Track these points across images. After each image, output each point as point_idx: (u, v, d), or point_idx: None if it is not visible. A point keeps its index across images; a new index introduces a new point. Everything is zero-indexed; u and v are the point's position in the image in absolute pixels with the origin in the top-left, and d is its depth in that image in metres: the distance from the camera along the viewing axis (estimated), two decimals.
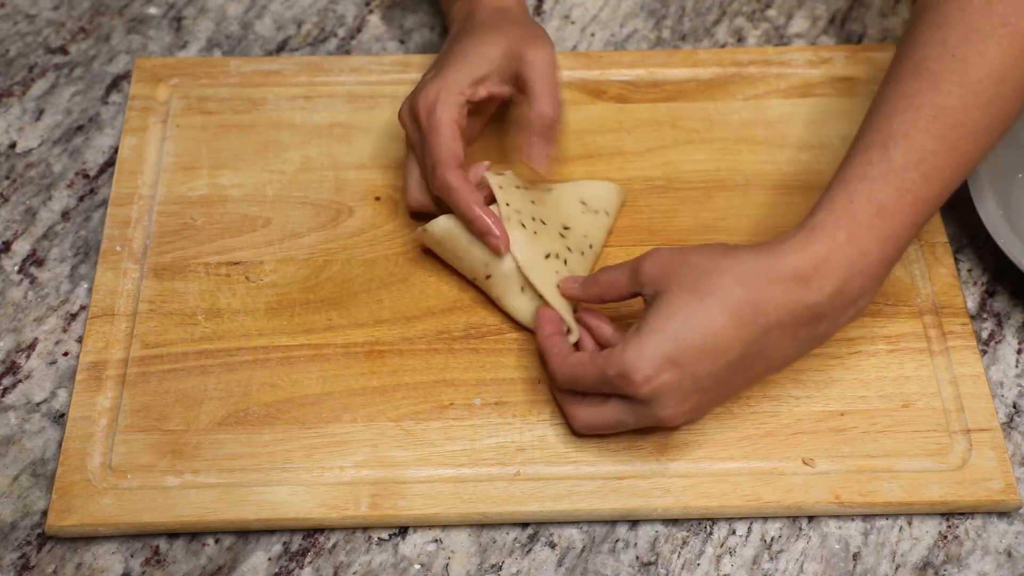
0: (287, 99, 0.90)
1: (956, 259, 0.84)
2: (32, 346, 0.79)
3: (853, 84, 0.91)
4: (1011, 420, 0.77)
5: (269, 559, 0.71)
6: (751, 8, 0.98)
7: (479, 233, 0.75)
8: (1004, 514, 0.74)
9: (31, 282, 0.82)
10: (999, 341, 0.80)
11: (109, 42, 0.95)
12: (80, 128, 0.90)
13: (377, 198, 0.85)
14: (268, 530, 0.72)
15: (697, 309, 0.66)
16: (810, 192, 0.85)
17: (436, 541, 0.72)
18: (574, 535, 0.73)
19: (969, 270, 0.84)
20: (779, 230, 0.82)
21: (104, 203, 0.86)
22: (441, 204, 0.79)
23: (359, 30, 0.96)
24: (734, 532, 0.73)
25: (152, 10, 0.97)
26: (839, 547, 0.72)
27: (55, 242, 0.84)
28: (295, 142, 0.88)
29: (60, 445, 0.74)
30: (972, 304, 0.82)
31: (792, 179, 0.86)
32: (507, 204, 0.77)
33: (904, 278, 0.81)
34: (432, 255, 0.81)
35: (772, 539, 0.72)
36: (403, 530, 0.72)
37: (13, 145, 0.89)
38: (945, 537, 0.73)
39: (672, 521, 0.73)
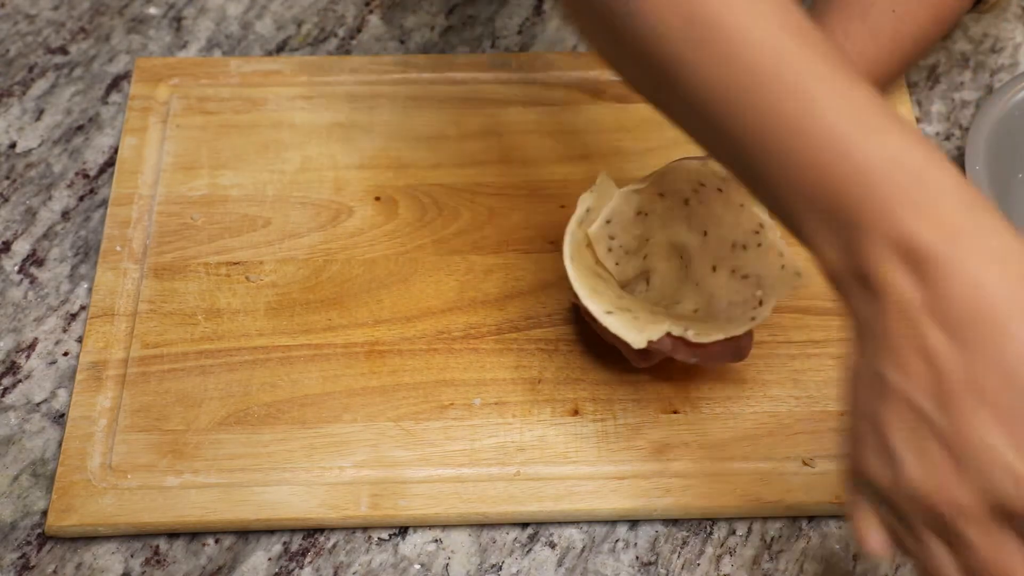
0: (287, 99, 0.90)
1: None
2: (32, 346, 0.79)
3: None
4: None
5: (269, 559, 0.71)
6: None
7: None
8: None
9: (31, 282, 0.82)
10: None
11: (109, 42, 0.95)
12: (80, 128, 0.90)
13: (377, 198, 0.85)
14: (268, 530, 0.72)
15: None
16: None
17: (436, 541, 0.72)
18: (574, 535, 0.73)
19: None
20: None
21: (104, 203, 0.85)
22: None
23: (359, 30, 0.96)
24: (734, 532, 0.73)
25: (152, 10, 0.97)
26: (839, 547, 0.72)
27: (55, 242, 0.84)
28: (295, 142, 0.87)
29: (60, 445, 0.74)
30: None
31: None
32: None
33: None
34: (431, 255, 0.81)
35: (772, 539, 0.72)
36: (403, 530, 0.72)
37: (13, 145, 0.89)
38: None
39: (672, 521, 0.73)
